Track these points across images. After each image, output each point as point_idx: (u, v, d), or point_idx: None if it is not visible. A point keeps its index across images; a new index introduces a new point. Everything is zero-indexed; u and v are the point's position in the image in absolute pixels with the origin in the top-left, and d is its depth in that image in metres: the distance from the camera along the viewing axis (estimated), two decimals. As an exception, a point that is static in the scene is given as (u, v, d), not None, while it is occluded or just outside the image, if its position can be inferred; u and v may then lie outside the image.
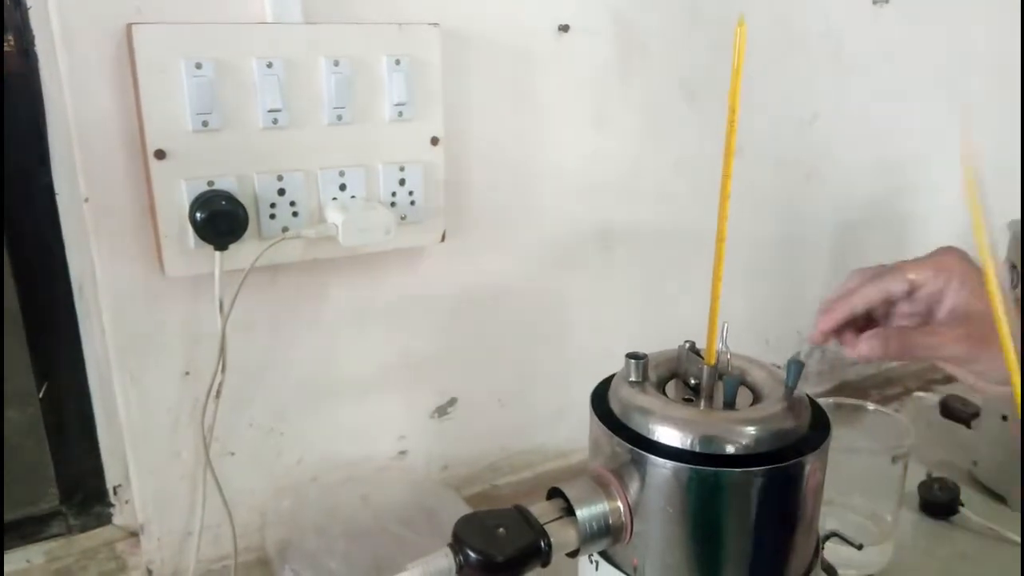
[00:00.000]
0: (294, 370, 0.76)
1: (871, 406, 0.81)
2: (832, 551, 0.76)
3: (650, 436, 0.44)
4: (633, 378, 0.46)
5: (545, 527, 0.43)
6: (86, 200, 0.64)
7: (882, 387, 1.14)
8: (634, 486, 0.44)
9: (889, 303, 0.50)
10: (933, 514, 0.85)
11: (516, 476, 0.94)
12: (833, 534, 0.56)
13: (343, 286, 0.76)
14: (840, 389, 1.15)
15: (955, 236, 1.20)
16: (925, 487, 0.87)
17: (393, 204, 0.72)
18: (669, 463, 0.42)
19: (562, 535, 0.43)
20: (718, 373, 0.48)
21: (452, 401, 0.87)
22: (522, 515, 0.44)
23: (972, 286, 0.46)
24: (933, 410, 0.99)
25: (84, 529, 0.76)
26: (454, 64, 0.74)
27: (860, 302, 0.48)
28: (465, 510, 0.81)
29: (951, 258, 0.48)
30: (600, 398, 0.49)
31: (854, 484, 0.81)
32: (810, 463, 0.44)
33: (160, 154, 0.62)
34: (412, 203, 0.73)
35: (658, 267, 0.95)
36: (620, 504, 0.44)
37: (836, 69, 1.00)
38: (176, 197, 0.63)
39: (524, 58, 0.78)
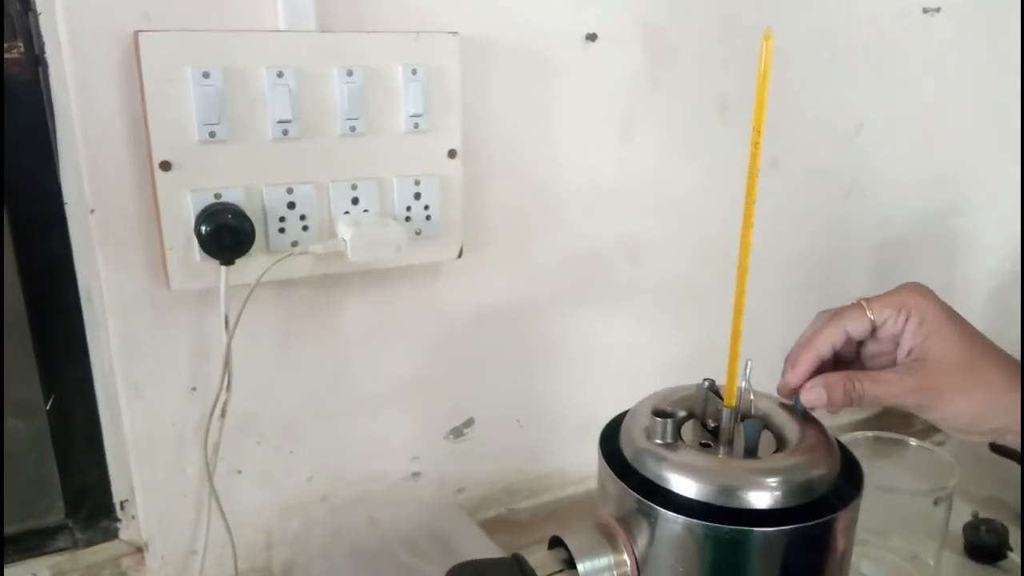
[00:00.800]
0: (305, 387, 0.74)
1: (913, 442, 0.76)
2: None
3: (661, 484, 0.40)
4: (659, 440, 0.42)
5: (543, 581, 0.40)
6: (92, 211, 0.62)
7: (926, 415, 1.08)
8: (643, 539, 0.40)
9: (853, 344, 0.48)
10: (979, 558, 0.80)
11: (535, 500, 0.90)
12: (866, 588, 0.52)
13: (356, 302, 0.74)
14: (883, 416, 1.09)
15: (1009, 254, 1.15)
16: (971, 528, 0.81)
17: (408, 219, 0.69)
18: (680, 517, 0.39)
19: (562, 590, 0.40)
20: (739, 415, 0.44)
21: (469, 421, 0.84)
22: (519, 566, 0.40)
23: (932, 327, 0.45)
24: (982, 443, 0.93)
25: (90, 543, 0.75)
26: (474, 74, 0.71)
27: (823, 347, 0.46)
28: (478, 535, 0.78)
29: (912, 295, 0.46)
30: (610, 437, 0.45)
31: (893, 524, 0.76)
32: (840, 520, 0.40)
33: (166, 165, 0.60)
34: (428, 218, 0.70)
35: (688, 285, 0.90)
36: (627, 558, 0.41)
37: (883, 79, 0.94)
38: (182, 209, 0.61)
39: (548, 68, 0.75)
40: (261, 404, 0.73)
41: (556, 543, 0.42)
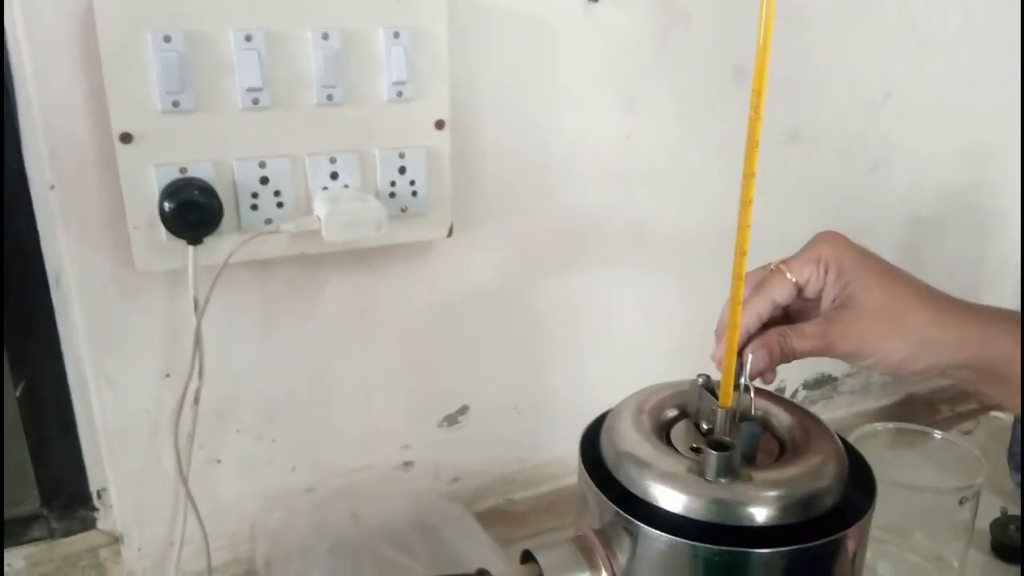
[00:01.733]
0: (287, 372, 0.70)
1: (938, 434, 0.71)
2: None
3: (643, 496, 0.36)
4: (710, 478, 0.35)
5: (509, 603, 0.35)
6: (52, 187, 0.58)
7: (954, 402, 1.02)
8: (623, 556, 0.36)
9: (780, 309, 0.47)
10: (1007, 558, 0.74)
11: (534, 490, 0.86)
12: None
13: (340, 283, 0.70)
14: (906, 403, 1.03)
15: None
16: (999, 526, 0.75)
17: (392, 195, 0.65)
18: (664, 536, 0.34)
19: (531, 613, 0.36)
20: (736, 417, 0.39)
21: (463, 409, 0.80)
22: (484, 585, 0.36)
23: (850, 274, 0.44)
24: (1010, 432, 0.87)
25: (67, 533, 0.72)
26: (464, 38, 0.66)
27: (751, 320, 0.45)
28: (472, 527, 0.74)
29: (826, 246, 0.46)
30: (591, 440, 0.40)
31: (914, 522, 0.70)
32: (850, 538, 0.35)
33: (126, 137, 0.56)
34: (414, 194, 0.65)
35: (697, 267, 0.85)
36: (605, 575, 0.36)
37: (915, 41, 0.87)
38: (145, 185, 0.57)
39: (546, 31, 0.70)
40: (240, 391, 0.69)
41: (528, 557, 0.38)
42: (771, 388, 0.47)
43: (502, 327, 0.78)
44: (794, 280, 0.45)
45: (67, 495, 0.72)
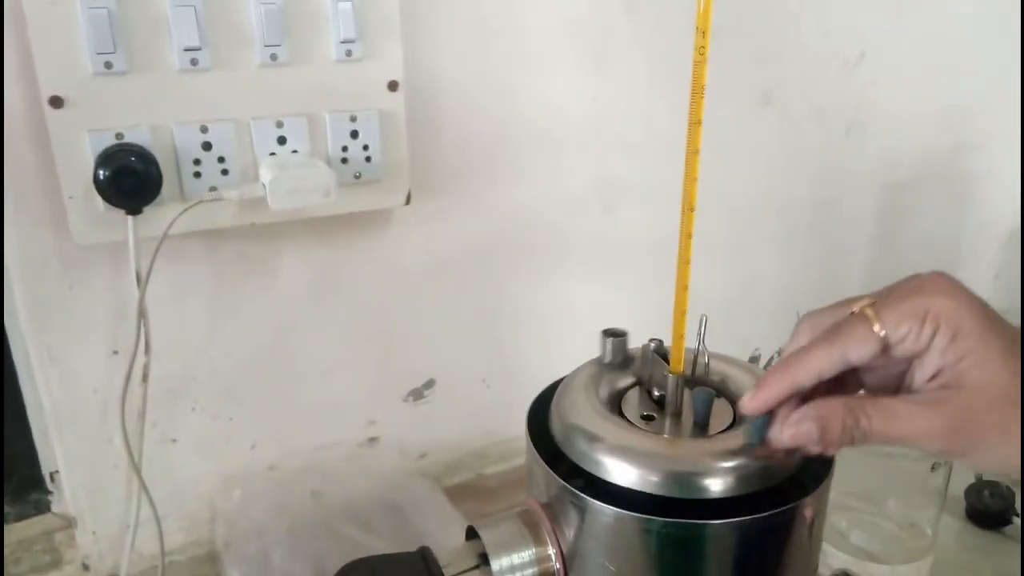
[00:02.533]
0: (243, 348, 0.68)
1: (911, 401, 0.69)
2: (860, 566, 0.66)
3: (591, 469, 0.34)
4: (608, 360, 0.34)
5: (449, 582, 0.33)
6: (-19, 155, 0.55)
7: (931, 369, 1.01)
8: (571, 530, 0.34)
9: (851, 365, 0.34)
10: (981, 524, 0.73)
11: (506, 464, 0.84)
12: (844, 574, 0.46)
13: (295, 254, 0.67)
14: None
15: (1019, 200, 1.05)
16: (974, 492, 0.74)
17: (345, 160, 0.62)
18: (609, 508, 0.32)
19: (472, 592, 0.34)
20: (688, 383, 0.37)
21: (429, 383, 0.78)
22: (425, 563, 0.34)
23: (967, 345, 0.31)
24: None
25: (20, 517, 0.70)
26: (417, -6, 0.63)
27: (806, 376, 0.33)
28: (440, 503, 0.72)
29: (939, 298, 0.32)
30: (540, 412, 0.38)
31: (888, 490, 0.69)
32: (807, 507, 0.33)
33: (56, 101, 0.53)
34: (368, 159, 0.63)
35: (669, 234, 0.82)
36: (552, 551, 0.35)
37: (889, 3, 0.85)
38: (79, 152, 0.54)
39: (505, -13, 0.67)
40: (194, 367, 0.67)
41: (474, 533, 0.36)
42: (744, 357, 0.45)
43: (467, 298, 0.76)
44: (882, 335, 0.32)
45: (19, 478, 0.69)
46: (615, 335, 0.36)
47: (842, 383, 0.35)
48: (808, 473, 0.35)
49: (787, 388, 0.33)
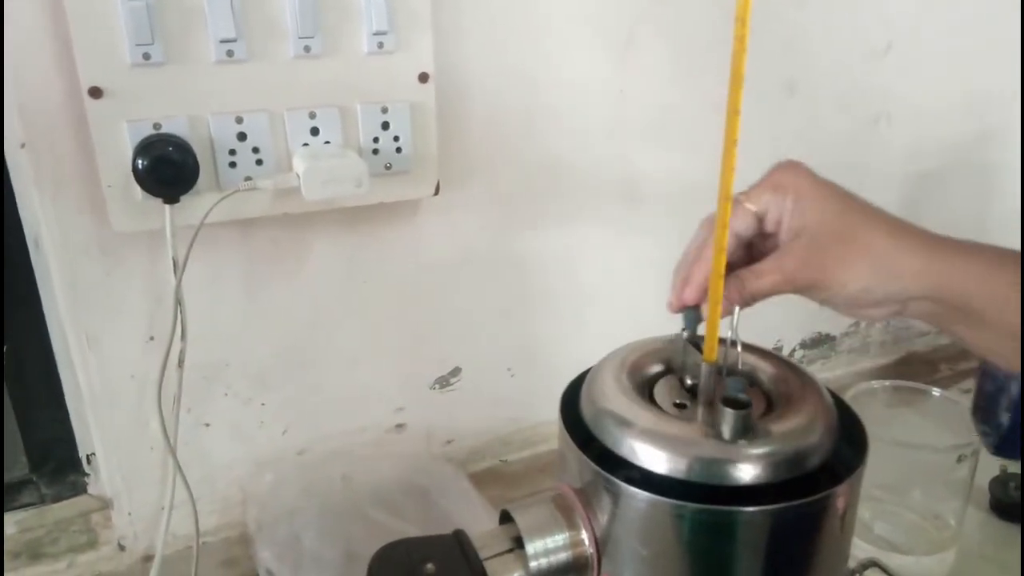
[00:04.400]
0: (275, 334, 0.69)
1: (936, 391, 0.69)
2: (884, 557, 0.66)
3: (624, 455, 0.34)
4: (727, 436, 0.33)
5: (486, 563, 0.34)
6: (22, 145, 0.56)
7: (954, 361, 1.00)
8: (604, 516, 0.35)
9: (745, 244, 0.44)
10: (1006, 516, 0.74)
11: (530, 451, 0.85)
12: (872, 564, 0.46)
13: (326, 243, 0.68)
14: (905, 362, 1.02)
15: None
16: (998, 484, 0.75)
17: (376, 151, 0.63)
18: (642, 494, 0.33)
19: (508, 574, 0.35)
20: (721, 371, 0.38)
21: (455, 371, 0.79)
22: (460, 546, 0.35)
23: (807, 201, 0.41)
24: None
25: (58, 499, 0.72)
26: (447, -15, 0.63)
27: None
28: (465, 488, 0.73)
29: (785, 173, 0.43)
30: (572, 398, 0.39)
31: (913, 480, 0.69)
32: (839, 496, 0.34)
33: (96, 92, 0.54)
34: (398, 150, 0.64)
35: (693, 221, 0.83)
36: (585, 535, 0.35)
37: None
38: (118, 141, 0.55)
39: (533, -23, 0.67)
40: (228, 353, 0.68)
41: (507, 517, 0.37)
42: (768, 347, 0.45)
43: (493, 287, 0.77)
44: (754, 210, 0.42)
45: (56, 460, 0.71)
46: (738, 406, 0.34)
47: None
48: (841, 462, 0.35)
49: (705, 275, 0.41)
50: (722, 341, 0.38)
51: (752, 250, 0.44)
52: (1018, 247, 1.05)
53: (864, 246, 0.40)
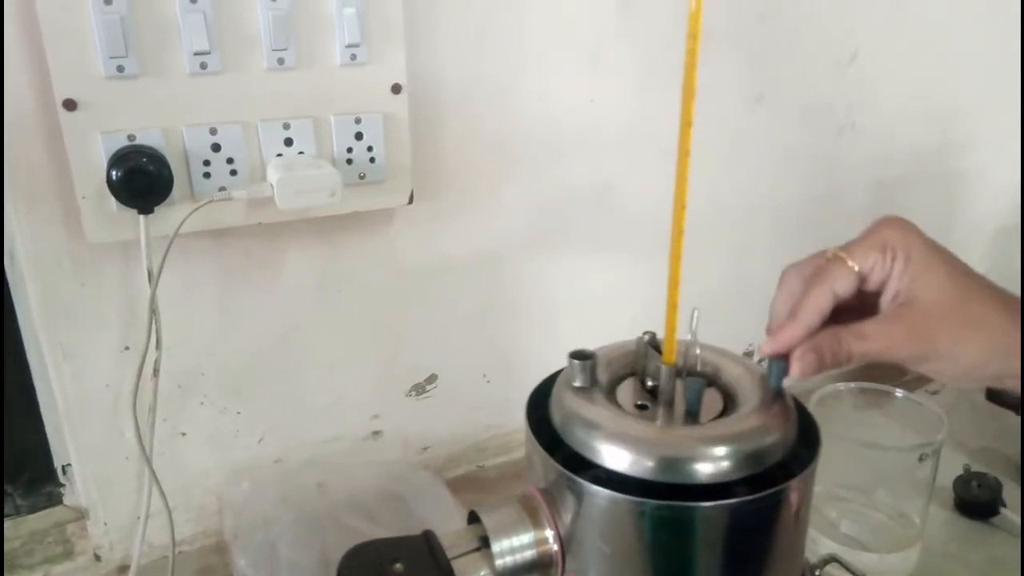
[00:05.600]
0: (250, 344, 0.70)
1: (900, 393, 0.71)
2: (851, 555, 0.67)
3: (585, 454, 0.36)
4: (578, 383, 0.37)
5: (453, 562, 0.35)
6: (-4, 157, 0.57)
7: (923, 364, 1.02)
8: (568, 514, 0.36)
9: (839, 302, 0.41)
10: (970, 514, 0.75)
11: (506, 456, 0.86)
12: (832, 559, 0.48)
13: (301, 253, 0.69)
14: (874, 364, 1.03)
15: (1014, 195, 1.08)
16: (962, 483, 0.76)
17: (350, 161, 0.64)
18: (604, 492, 0.34)
19: (475, 572, 0.36)
20: (680, 373, 0.39)
21: (431, 378, 0.80)
22: (428, 546, 0.36)
23: (918, 266, 0.39)
24: (978, 392, 0.88)
25: (33, 510, 0.72)
26: (419, -2, 0.64)
27: (812, 317, 0.39)
28: (442, 495, 0.74)
29: (893, 232, 0.40)
30: (538, 402, 0.40)
31: (878, 480, 0.71)
32: (792, 491, 0.35)
33: (70, 104, 0.54)
34: (372, 160, 0.64)
35: (665, 230, 0.84)
36: (549, 534, 0.36)
37: (881, 3, 0.86)
38: (92, 153, 0.56)
39: (504, -9, 0.68)
40: (203, 363, 0.68)
41: (475, 518, 0.38)
42: (739, 351, 0.46)
43: (468, 295, 0.78)
44: (856, 268, 0.40)
45: (31, 471, 0.71)
46: (582, 357, 0.39)
47: (836, 322, 0.41)
48: (796, 458, 0.36)
49: (801, 332, 0.39)
50: (684, 343, 0.39)
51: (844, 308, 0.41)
52: (981, 252, 1.07)
53: (979, 321, 0.38)
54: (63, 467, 0.72)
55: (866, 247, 0.40)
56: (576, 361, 0.37)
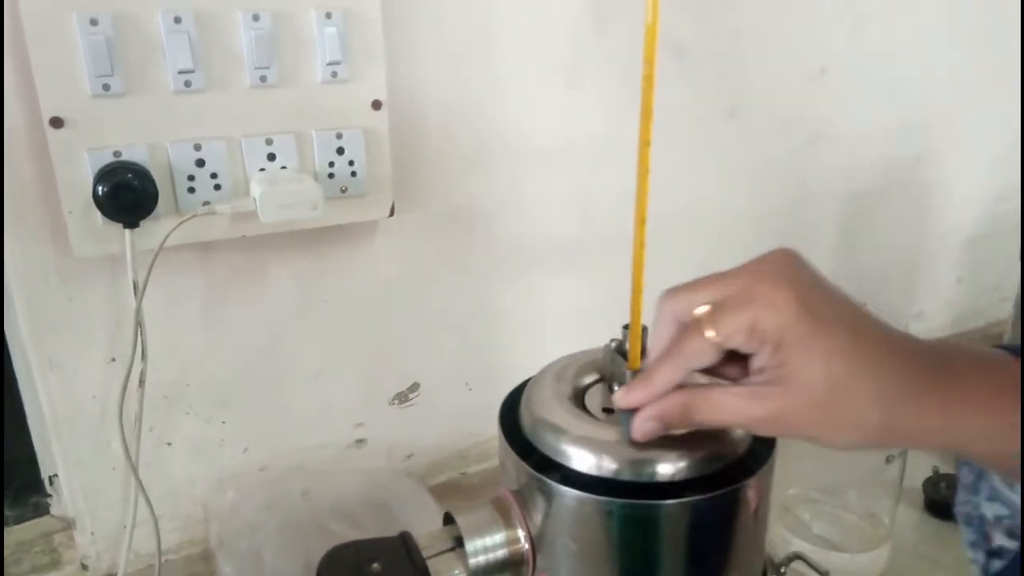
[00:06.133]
0: (235, 354, 0.71)
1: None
2: (822, 555, 0.69)
3: (554, 457, 0.37)
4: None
5: (429, 561, 0.37)
6: (-16, 174, 0.58)
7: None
8: (538, 514, 0.38)
9: None
10: (938, 514, 0.77)
11: (488, 463, 0.88)
12: (796, 557, 0.49)
13: (284, 264, 0.70)
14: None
15: (983, 205, 1.10)
16: (930, 484, 0.79)
17: (331, 175, 0.65)
18: (571, 492, 0.35)
19: (449, 571, 0.37)
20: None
21: (414, 386, 0.81)
22: (405, 546, 0.37)
23: (790, 352, 0.34)
24: None
25: (20, 520, 0.73)
26: (398, 17, 0.66)
27: (662, 386, 0.36)
28: (425, 501, 0.76)
29: (766, 311, 0.35)
30: (510, 408, 0.42)
31: (850, 480, 0.73)
32: (750, 488, 0.37)
33: (57, 122, 0.56)
34: (353, 174, 0.66)
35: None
36: (521, 533, 0.38)
37: (850, 15, 0.89)
38: (78, 169, 0.57)
39: (482, 8, 0.70)
40: (189, 373, 0.70)
41: (450, 519, 0.40)
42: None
43: (450, 304, 0.79)
44: (718, 341, 0.35)
45: (19, 482, 0.72)
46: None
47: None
48: (754, 457, 0.38)
49: (649, 398, 0.36)
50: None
51: None
52: (952, 261, 1.09)
53: (850, 423, 0.34)
54: (50, 477, 0.73)
55: (734, 326, 0.35)
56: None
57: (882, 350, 0.35)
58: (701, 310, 0.36)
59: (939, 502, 0.77)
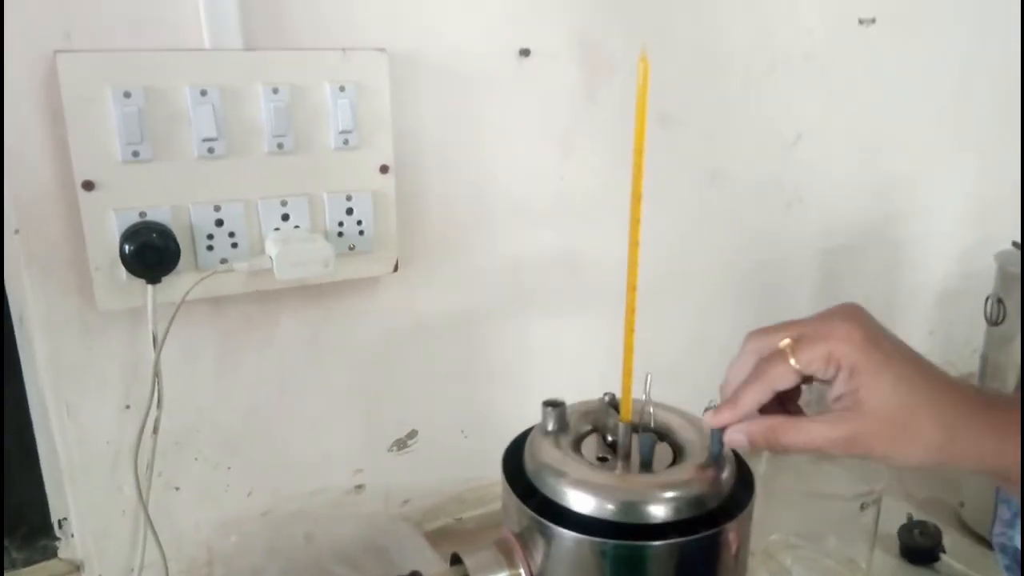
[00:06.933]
0: (243, 403, 0.74)
1: (846, 446, 0.77)
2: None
3: (556, 500, 0.41)
4: (550, 428, 0.43)
5: (437, 598, 0.40)
6: (16, 231, 0.62)
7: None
8: (539, 555, 0.41)
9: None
10: (914, 560, 0.81)
11: (483, 509, 0.91)
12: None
13: (293, 317, 0.74)
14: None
15: (951, 261, 1.16)
16: (906, 531, 0.82)
17: (341, 234, 0.70)
18: (568, 534, 0.39)
19: (457, 607, 0.41)
20: (636, 429, 0.45)
21: (412, 433, 0.84)
22: (415, 584, 0.41)
23: (863, 377, 0.40)
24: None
25: (28, 563, 0.75)
26: (405, 90, 0.71)
27: (749, 407, 0.42)
28: (422, 546, 0.78)
29: (840, 343, 0.41)
30: (513, 454, 0.46)
31: (829, 527, 0.77)
32: (730, 531, 0.41)
33: (88, 185, 0.60)
34: (361, 233, 0.71)
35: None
36: (523, 572, 0.42)
37: (821, 88, 0.96)
38: (106, 229, 0.61)
39: (481, 83, 0.76)
40: (199, 421, 0.73)
41: (457, 560, 0.43)
42: (700, 407, 0.52)
43: (448, 355, 0.83)
44: (797, 368, 0.41)
45: (28, 525, 0.74)
46: (554, 405, 0.45)
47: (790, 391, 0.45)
48: (735, 502, 0.42)
49: (736, 418, 0.43)
50: (640, 402, 0.45)
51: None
52: (924, 314, 1.14)
53: (915, 436, 0.40)
54: (59, 521, 0.75)
55: (812, 352, 0.41)
56: (549, 408, 0.43)
57: (940, 380, 0.42)
58: (784, 343, 0.43)
59: (913, 548, 0.81)
